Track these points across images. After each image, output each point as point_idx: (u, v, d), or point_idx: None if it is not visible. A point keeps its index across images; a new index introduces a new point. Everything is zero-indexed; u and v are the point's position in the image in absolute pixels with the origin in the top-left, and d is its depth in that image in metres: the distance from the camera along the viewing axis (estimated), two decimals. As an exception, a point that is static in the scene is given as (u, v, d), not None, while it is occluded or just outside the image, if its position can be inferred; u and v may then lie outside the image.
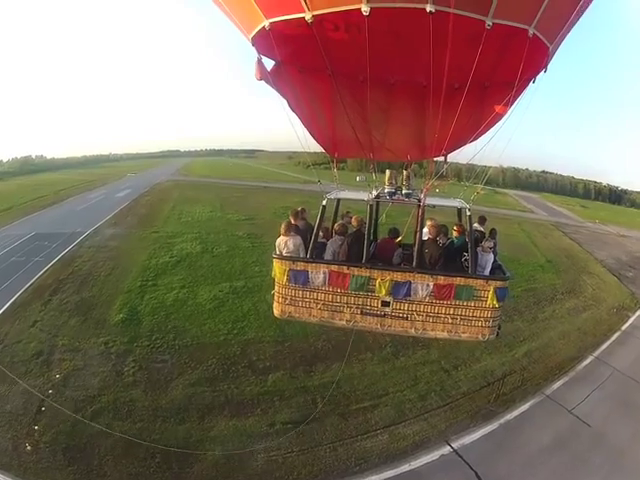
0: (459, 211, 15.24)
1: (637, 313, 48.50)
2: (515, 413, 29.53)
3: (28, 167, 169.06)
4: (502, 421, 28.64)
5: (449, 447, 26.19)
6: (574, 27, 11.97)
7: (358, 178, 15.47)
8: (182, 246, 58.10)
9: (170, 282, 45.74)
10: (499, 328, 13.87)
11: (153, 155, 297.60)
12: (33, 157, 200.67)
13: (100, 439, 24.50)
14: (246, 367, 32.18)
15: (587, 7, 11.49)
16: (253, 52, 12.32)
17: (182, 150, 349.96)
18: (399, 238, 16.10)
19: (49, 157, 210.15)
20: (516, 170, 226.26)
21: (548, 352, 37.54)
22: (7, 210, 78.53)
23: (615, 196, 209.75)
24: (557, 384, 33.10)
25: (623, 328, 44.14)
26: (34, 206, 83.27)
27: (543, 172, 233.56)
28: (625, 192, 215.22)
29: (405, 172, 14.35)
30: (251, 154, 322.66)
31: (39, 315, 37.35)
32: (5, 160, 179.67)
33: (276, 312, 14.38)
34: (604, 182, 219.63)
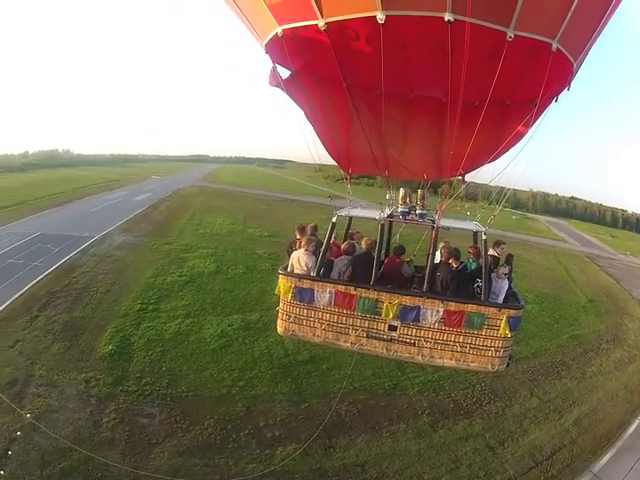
0: (475, 234, 14.68)
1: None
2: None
3: (53, 161, 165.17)
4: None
5: None
6: (596, 43, 11.46)
7: (388, 196, 14.85)
8: (194, 263, 52.07)
9: (174, 308, 39.93)
10: (510, 359, 13.28)
11: (182, 159, 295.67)
12: (60, 151, 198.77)
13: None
14: (250, 435, 26.55)
15: (609, 19, 10.90)
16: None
17: (212, 156, 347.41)
18: (404, 255, 14.91)
19: (76, 152, 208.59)
20: (546, 195, 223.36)
21: (597, 417, 33.45)
22: (20, 205, 73.92)
23: None
24: (605, 458, 29.43)
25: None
26: (48, 203, 78.73)
27: (572, 198, 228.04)
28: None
29: (420, 191, 13.78)
30: (281, 164, 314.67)
31: (22, 334, 33.04)
32: (31, 152, 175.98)
33: (279, 329, 13.88)
34: (629, 210, 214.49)
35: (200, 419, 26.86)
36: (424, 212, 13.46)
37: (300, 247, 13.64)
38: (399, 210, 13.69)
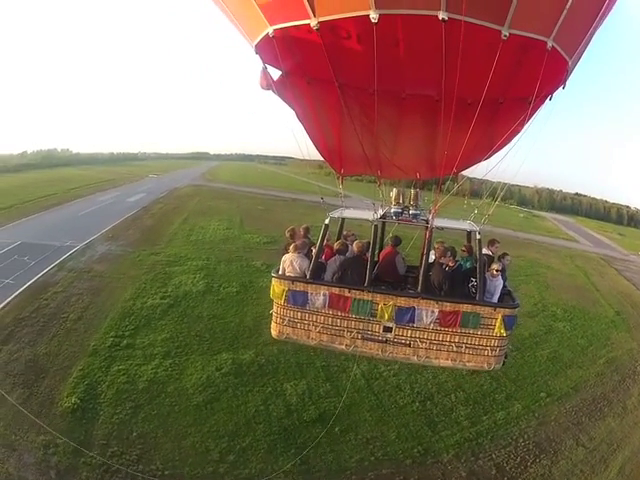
0: (468, 234, 14.41)
1: None
2: None
3: (51, 160, 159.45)
4: None
5: None
6: (592, 41, 11.43)
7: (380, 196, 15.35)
8: (181, 279, 43.97)
9: (151, 343, 32.02)
10: (505, 357, 13.18)
11: (182, 156, 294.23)
12: (58, 150, 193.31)
13: None
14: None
15: (605, 16, 10.80)
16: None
17: (212, 153, 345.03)
18: (399, 245, 15.02)
19: (75, 151, 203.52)
20: (551, 191, 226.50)
21: (638, 461, 28.45)
22: (8, 209, 67.30)
23: None
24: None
25: None
26: (37, 206, 71.90)
27: (577, 194, 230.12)
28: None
29: (413, 191, 14.18)
30: (281, 161, 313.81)
31: (-20, 375, 26.59)
32: (30, 152, 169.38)
33: (274, 333, 13.71)
34: (632, 206, 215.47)
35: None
36: (417, 212, 13.64)
37: (292, 250, 13.41)
38: (392, 210, 13.87)
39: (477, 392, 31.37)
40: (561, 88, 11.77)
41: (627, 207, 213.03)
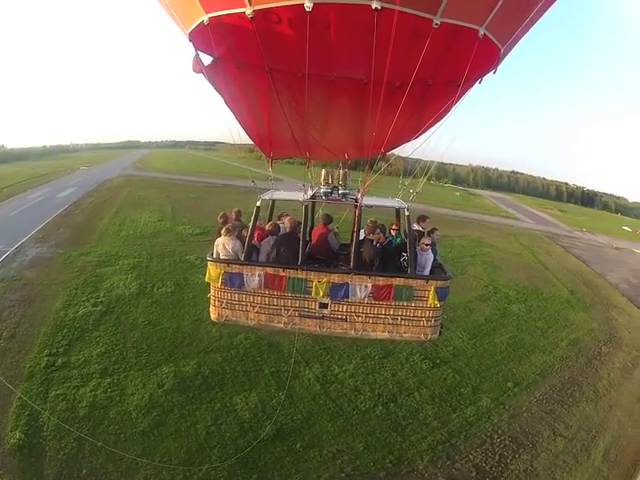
0: (397, 211, 14.72)
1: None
2: None
3: None
4: None
5: None
6: (531, 29, 11.55)
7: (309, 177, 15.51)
8: (113, 281, 40.94)
9: (87, 360, 28.99)
10: (441, 327, 13.57)
11: (113, 146, 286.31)
12: None
13: None
14: None
15: (545, 9, 11.05)
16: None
17: (142, 141, 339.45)
18: (331, 223, 15.11)
19: (9, 147, 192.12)
20: (486, 170, 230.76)
21: (621, 445, 28.25)
22: None
23: (587, 199, 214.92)
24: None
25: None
26: None
27: (513, 172, 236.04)
28: (596, 194, 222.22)
29: (342, 171, 14.10)
30: (212, 146, 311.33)
31: None
32: None
33: (213, 316, 13.68)
34: (571, 183, 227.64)
35: None
36: (346, 191, 13.71)
37: (224, 233, 13.35)
38: (322, 191, 13.90)
39: (441, 388, 30.08)
40: (492, 73, 12.02)
41: (566, 184, 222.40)
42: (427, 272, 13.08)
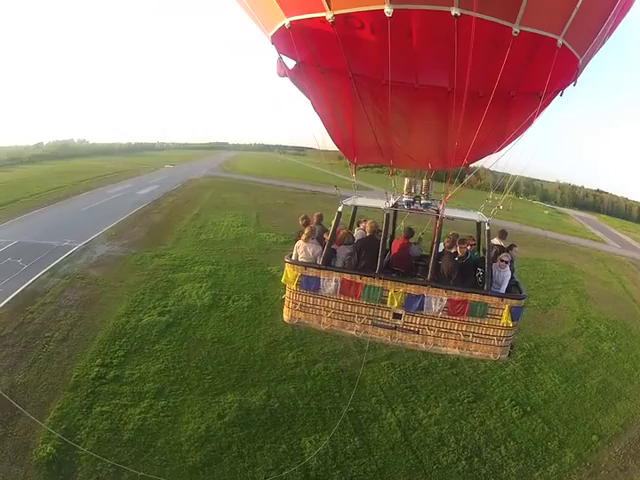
0: (478, 225, 14.58)
1: None
2: None
3: (67, 151, 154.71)
4: None
5: None
6: (607, 40, 11.42)
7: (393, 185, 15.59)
8: (185, 289, 38.23)
9: (142, 376, 26.51)
10: (512, 348, 13.34)
11: (200, 146, 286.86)
12: (75, 141, 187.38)
13: None
14: None
15: (621, 19, 10.88)
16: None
17: (230, 143, 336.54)
18: (413, 237, 15.06)
19: (91, 142, 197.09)
20: (573, 188, 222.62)
21: None
22: (12, 203, 62.72)
23: None
24: None
25: None
26: (43, 199, 67.04)
27: (598, 191, 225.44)
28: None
29: (425, 181, 14.16)
30: (301, 151, 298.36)
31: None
32: (46, 143, 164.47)
33: (285, 317, 13.86)
34: None
35: None
36: (428, 202, 13.58)
37: (304, 236, 13.37)
38: (404, 200, 13.78)
39: (528, 441, 26.83)
40: (572, 85, 11.75)
41: None
42: (503, 290, 12.84)
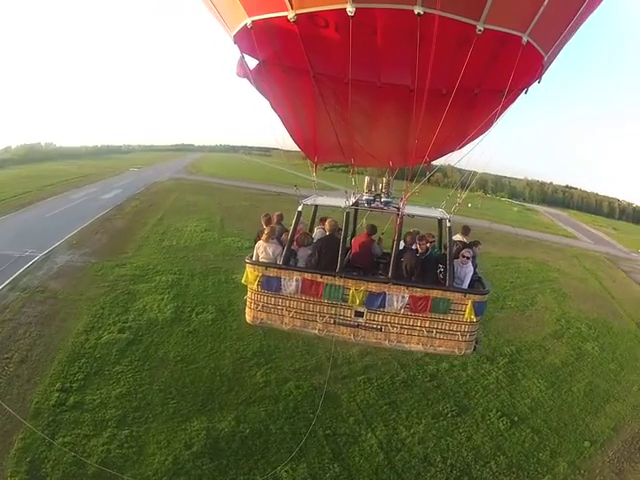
0: (439, 222, 15.00)
1: None
2: None
3: (34, 155, 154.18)
4: None
5: None
6: (572, 38, 11.74)
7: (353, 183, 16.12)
8: (146, 302, 36.39)
9: (104, 402, 24.62)
10: (477, 343, 13.39)
11: (166, 148, 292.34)
12: (42, 145, 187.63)
13: None
14: None
15: (586, 17, 11.20)
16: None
17: (196, 144, 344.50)
18: (375, 234, 15.07)
19: (58, 145, 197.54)
20: (542, 184, 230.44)
21: None
22: None
23: (638, 215, 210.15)
24: None
25: None
26: (10, 205, 66.21)
27: (567, 187, 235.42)
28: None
29: (385, 179, 14.46)
30: (266, 152, 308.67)
31: None
32: (14, 147, 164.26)
33: (248, 318, 13.99)
34: (622, 199, 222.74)
35: None
36: (389, 200, 13.79)
37: (264, 237, 13.52)
38: (364, 198, 14.06)
39: (519, 453, 25.90)
40: (537, 82, 11.93)
41: (617, 200, 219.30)
42: (466, 285, 12.94)
